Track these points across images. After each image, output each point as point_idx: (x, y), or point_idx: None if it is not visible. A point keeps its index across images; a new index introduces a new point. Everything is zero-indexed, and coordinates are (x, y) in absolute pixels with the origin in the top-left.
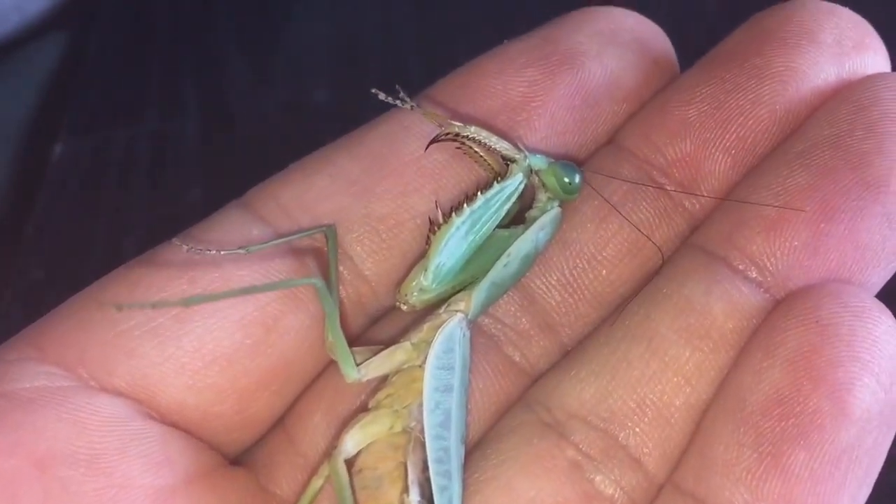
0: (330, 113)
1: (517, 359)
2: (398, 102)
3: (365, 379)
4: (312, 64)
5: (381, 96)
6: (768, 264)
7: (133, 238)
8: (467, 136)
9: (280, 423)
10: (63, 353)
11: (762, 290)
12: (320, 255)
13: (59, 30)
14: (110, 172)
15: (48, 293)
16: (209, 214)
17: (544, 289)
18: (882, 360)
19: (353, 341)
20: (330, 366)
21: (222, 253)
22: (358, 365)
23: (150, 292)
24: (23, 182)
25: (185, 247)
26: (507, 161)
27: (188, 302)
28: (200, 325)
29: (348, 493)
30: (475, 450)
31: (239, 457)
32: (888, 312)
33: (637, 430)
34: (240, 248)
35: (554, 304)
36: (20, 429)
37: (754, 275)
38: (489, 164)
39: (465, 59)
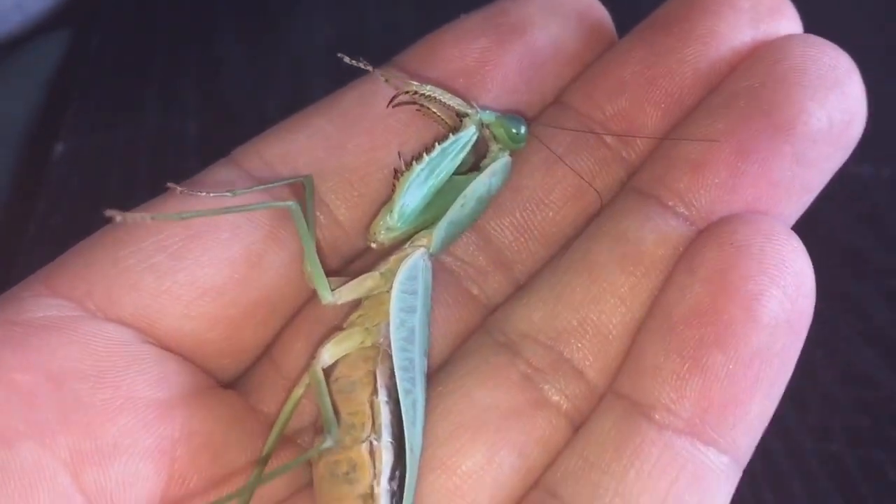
0: None
1: (475, 292)
2: (361, 65)
3: (339, 302)
4: (312, 64)
5: (346, 60)
6: (693, 200)
7: None
8: (424, 94)
9: (266, 354)
10: (71, 288)
11: (688, 223)
12: (298, 199)
13: (61, 29)
14: (111, 172)
15: None
16: None
17: (498, 230)
18: (788, 276)
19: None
20: (310, 301)
21: (212, 195)
22: (332, 290)
23: (149, 233)
24: (24, 181)
25: (178, 188)
26: (461, 116)
27: (182, 216)
28: (193, 262)
29: (325, 393)
30: (439, 371)
31: (230, 383)
32: (796, 237)
33: (579, 345)
34: (227, 191)
35: (507, 243)
36: (36, 349)
37: (682, 210)
38: (445, 121)
39: None
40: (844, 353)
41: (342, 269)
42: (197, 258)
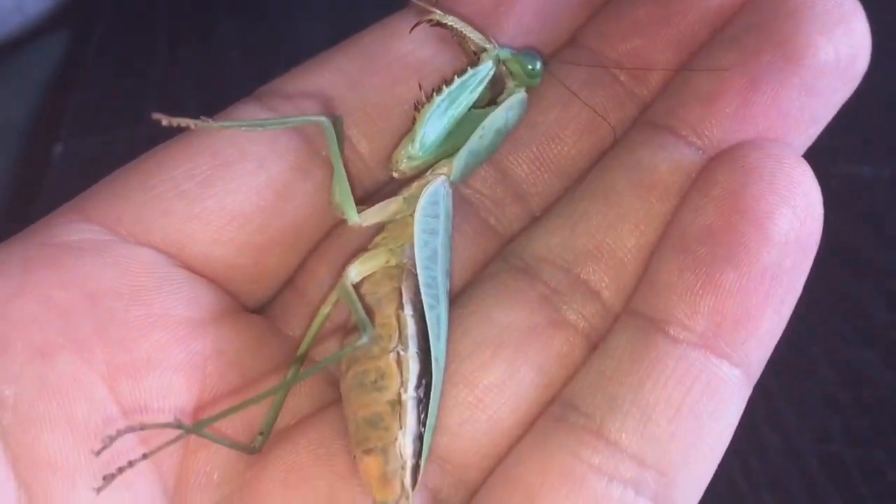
0: None
1: (493, 222)
2: None
3: (364, 224)
4: None
5: None
6: (706, 130)
7: None
8: (446, 24)
9: (291, 281)
10: (104, 215)
11: (701, 151)
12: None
13: (60, 30)
14: (111, 172)
15: None
16: None
17: (515, 163)
18: (798, 196)
19: None
20: (333, 230)
21: (243, 128)
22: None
23: (178, 164)
24: (23, 182)
25: (210, 121)
26: (479, 52)
27: (223, 125)
28: (222, 189)
29: (357, 300)
30: (460, 294)
31: (257, 309)
32: (805, 162)
33: (595, 268)
34: (256, 122)
35: (524, 175)
36: (71, 269)
37: (694, 139)
38: (465, 44)
39: None
40: (844, 353)
41: (364, 200)
42: (225, 186)
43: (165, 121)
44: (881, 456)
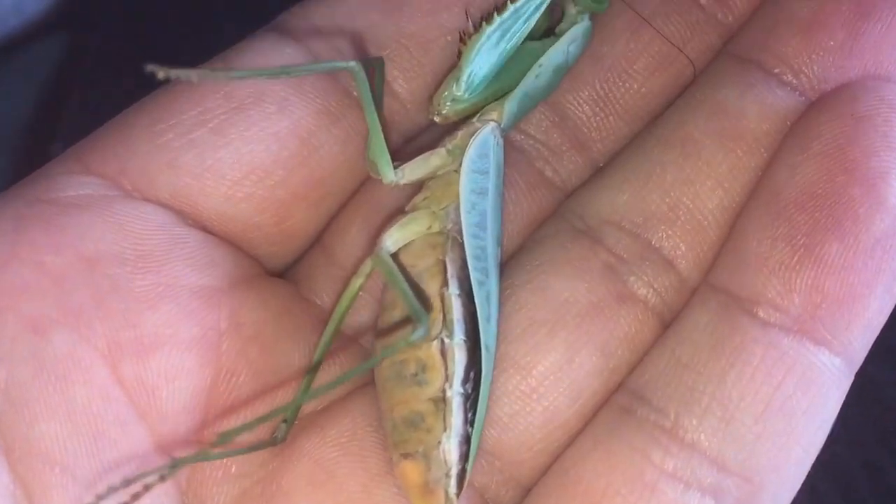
0: None
1: (549, 174)
2: None
3: (402, 181)
4: None
5: None
6: (803, 67)
7: None
8: None
9: (318, 241)
10: (106, 165)
11: (797, 93)
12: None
13: (59, 30)
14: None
15: None
16: None
17: (575, 104)
18: None
19: None
20: (366, 182)
21: (262, 74)
22: (395, 169)
23: (189, 105)
24: None
25: (217, 70)
26: None
27: (232, 75)
28: (237, 137)
29: (401, 280)
30: (510, 260)
31: (279, 273)
32: None
33: (670, 232)
34: (283, 68)
35: (585, 119)
36: (67, 230)
37: (789, 77)
38: None
39: None
40: None
41: (401, 147)
42: (241, 133)
43: (162, 73)
44: (882, 457)
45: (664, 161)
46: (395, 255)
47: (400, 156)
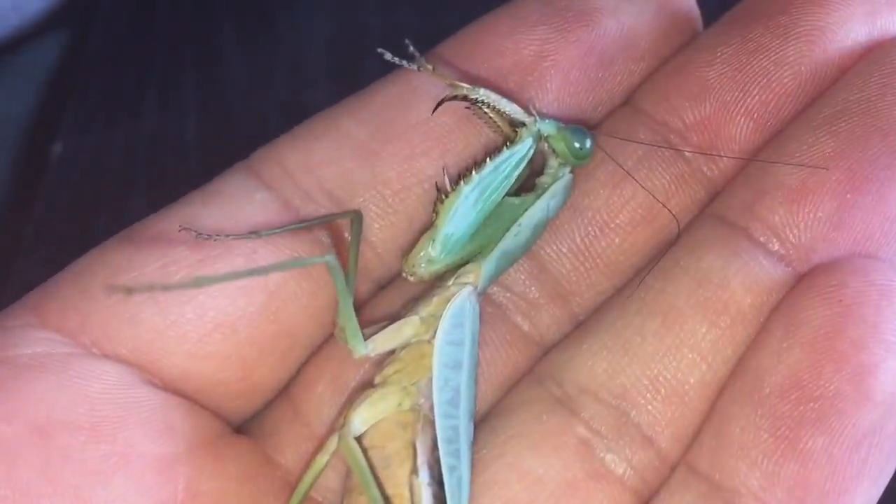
0: None
1: (526, 328)
2: (405, 63)
3: (373, 354)
4: (312, 64)
5: (388, 56)
6: (790, 236)
7: None
8: (476, 99)
9: (285, 391)
10: (64, 319)
11: (783, 263)
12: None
13: (59, 29)
14: (110, 172)
15: None
16: None
17: (555, 256)
18: None
19: (358, 307)
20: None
21: (230, 238)
22: (366, 340)
23: (153, 259)
24: (22, 182)
25: (193, 232)
26: (517, 126)
27: (199, 283)
28: (202, 292)
29: (366, 470)
30: (483, 423)
31: (243, 425)
32: None
33: (650, 407)
34: (251, 233)
35: (564, 272)
36: (20, 395)
37: (776, 247)
38: (498, 126)
39: None
40: None
41: (373, 294)
42: (206, 288)
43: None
44: None
45: (645, 331)
46: (363, 434)
47: (374, 305)
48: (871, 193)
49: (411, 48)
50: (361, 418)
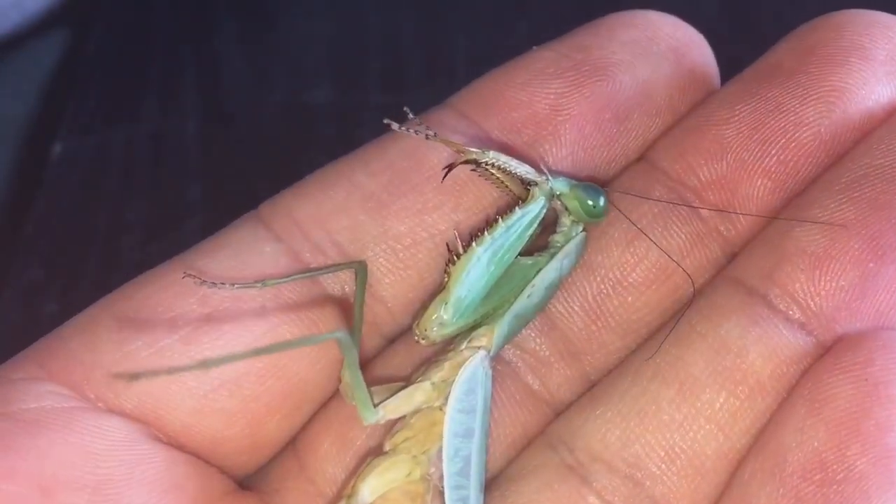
0: (330, 113)
1: (537, 388)
2: (412, 132)
3: (383, 421)
4: (312, 64)
5: (395, 127)
6: (812, 305)
7: (133, 238)
8: (486, 163)
9: (291, 445)
10: (69, 373)
11: (804, 332)
12: (337, 279)
13: (59, 28)
14: (110, 172)
15: (48, 293)
16: (209, 214)
17: (566, 315)
18: None
19: (368, 363)
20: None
21: (236, 287)
22: (375, 405)
23: (159, 311)
24: (22, 181)
25: (198, 280)
26: (529, 185)
27: (208, 364)
28: (208, 348)
29: None
30: (493, 487)
31: (248, 479)
32: None
33: (665, 478)
34: (256, 282)
35: (576, 330)
36: (24, 452)
37: (796, 315)
38: (508, 189)
39: (465, 60)
40: None
41: (383, 349)
42: (213, 342)
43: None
44: None
45: (661, 399)
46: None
47: (383, 360)
48: (894, 262)
49: (412, 127)
50: (370, 488)
